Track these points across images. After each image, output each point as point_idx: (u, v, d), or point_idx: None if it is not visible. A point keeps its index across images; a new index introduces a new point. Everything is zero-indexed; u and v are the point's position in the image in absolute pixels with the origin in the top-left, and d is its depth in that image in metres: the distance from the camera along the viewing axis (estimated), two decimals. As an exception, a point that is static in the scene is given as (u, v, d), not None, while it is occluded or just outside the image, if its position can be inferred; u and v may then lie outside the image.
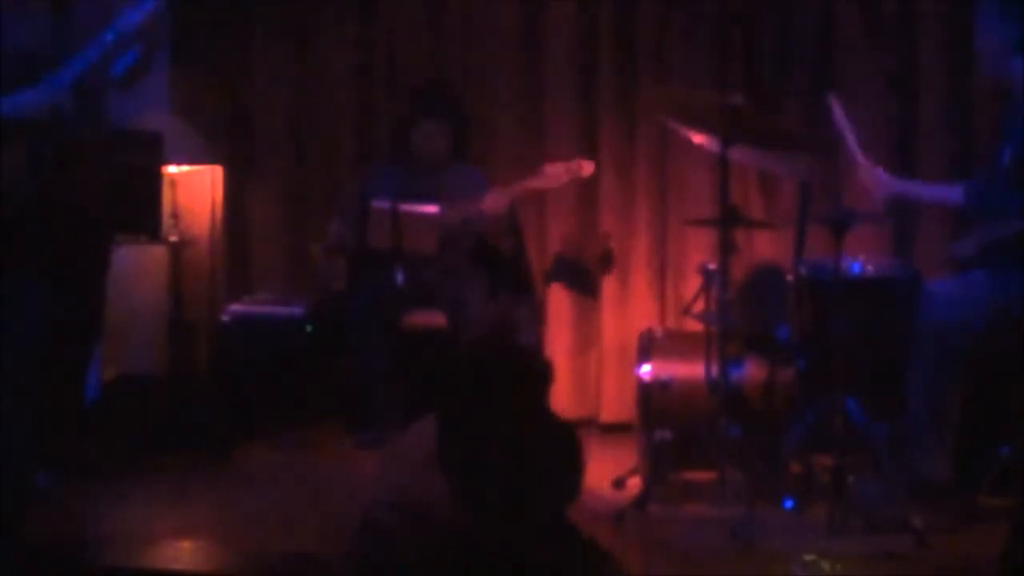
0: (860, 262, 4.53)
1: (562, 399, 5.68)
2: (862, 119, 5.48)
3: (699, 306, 4.65)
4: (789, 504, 4.29)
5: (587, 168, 5.38)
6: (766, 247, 5.50)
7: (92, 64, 4.37)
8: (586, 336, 5.85)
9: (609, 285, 5.78)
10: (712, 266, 4.55)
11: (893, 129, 5.51)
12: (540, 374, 2.58)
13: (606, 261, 5.75)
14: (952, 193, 4.55)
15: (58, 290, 4.57)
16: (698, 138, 4.60)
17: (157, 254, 5.75)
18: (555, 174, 5.37)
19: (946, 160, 5.45)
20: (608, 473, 4.70)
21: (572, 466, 2.56)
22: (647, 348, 4.78)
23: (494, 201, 5.44)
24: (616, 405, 5.70)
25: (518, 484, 2.49)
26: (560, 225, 5.82)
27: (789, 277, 4.61)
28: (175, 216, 5.73)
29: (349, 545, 2.72)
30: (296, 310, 5.64)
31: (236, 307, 5.70)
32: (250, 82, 6.03)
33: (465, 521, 2.51)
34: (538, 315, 5.81)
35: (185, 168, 5.78)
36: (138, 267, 5.74)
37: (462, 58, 5.93)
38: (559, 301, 5.85)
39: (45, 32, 4.44)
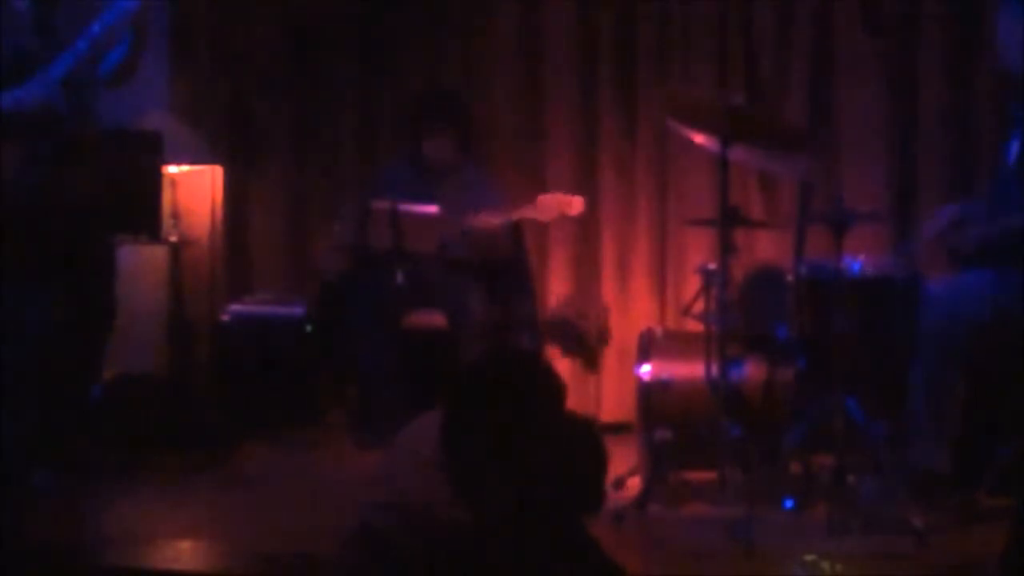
0: (860, 262, 4.53)
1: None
2: (862, 119, 5.52)
3: (699, 306, 4.64)
4: (789, 504, 4.29)
5: (576, 206, 5.33)
6: (766, 247, 5.50)
7: (82, 57, 4.36)
8: (586, 336, 5.85)
9: (609, 285, 5.78)
10: (712, 266, 4.55)
11: (893, 129, 5.51)
12: (555, 390, 2.57)
13: (602, 337, 5.74)
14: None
15: (60, 289, 4.57)
16: (698, 138, 4.60)
17: (157, 254, 5.75)
18: (546, 206, 5.35)
19: (946, 160, 5.46)
20: (608, 473, 4.69)
21: (591, 473, 2.55)
22: (647, 348, 4.78)
23: (484, 221, 5.43)
24: (616, 405, 5.70)
25: (526, 487, 2.49)
26: (560, 225, 5.80)
27: (789, 277, 4.61)
28: (175, 216, 5.73)
29: (344, 548, 2.72)
30: (296, 310, 5.64)
31: (236, 307, 5.70)
32: (250, 82, 6.03)
33: (466, 522, 2.50)
34: (538, 316, 5.81)
35: (185, 168, 5.78)
36: (138, 267, 5.74)
37: (462, 58, 5.93)
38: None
39: (29, 30, 4.43)
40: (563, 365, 5.74)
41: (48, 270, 4.55)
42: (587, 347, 5.74)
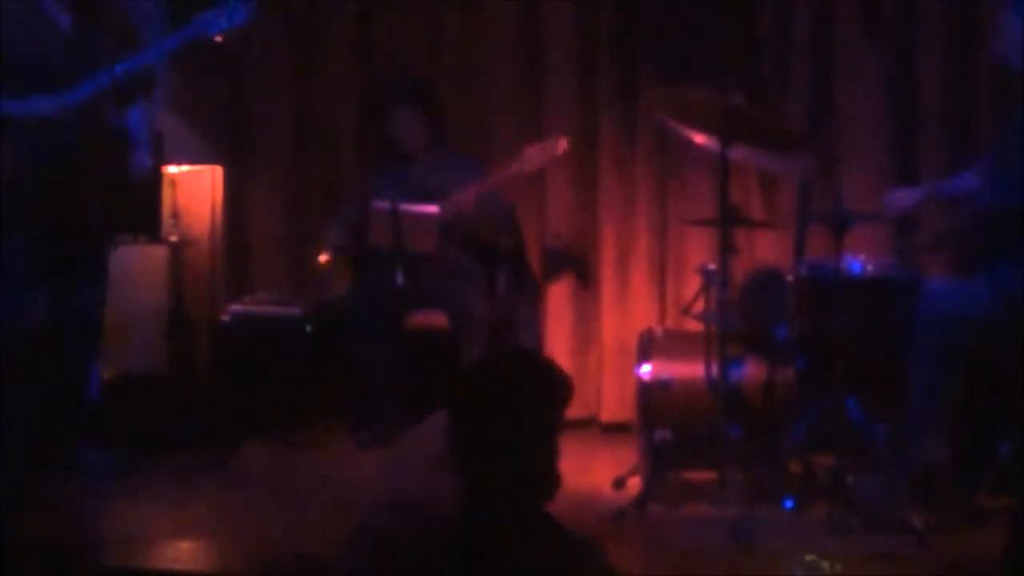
0: (860, 262, 4.53)
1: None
2: (862, 119, 5.52)
3: (699, 306, 4.65)
4: (789, 504, 4.29)
5: (562, 145, 5.35)
6: (766, 247, 5.50)
7: (100, 90, 4.46)
8: (586, 336, 5.85)
9: (609, 285, 5.78)
10: (712, 266, 4.55)
11: (893, 127, 5.51)
12: (562, 389, 2.59)
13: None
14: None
15: (55, 291, 4.60)
16: (698, 138, 4.60)
17: (157, 254, 5.75)
18: (531, 156, 5.35)
19: (946, 159, 5.45)
20: (608, 473, 4.71)
21: (552, 461, 2.58)
22: (647, 348, 4.78)
23: (467, 196, 5.42)
24: (616, 405, 5.70)
25: (527, 487, 2.51)
26: (560, 225, 5.82)
27: (789, 277, 4.62)
28: (175, 216, 5.73)
29: (347, 548, 2.72)
30: (296, 310, 5.64)
31: (236, 307, 5.70)
32: (250, 82, 6.03)
33: (470, 521, 2.51)
34: (538, 315, 5.81)
35: (185, 168, 5.78)
36: (138, 267, 5.74)
37: (462, 58, 5.93)
38: (559, 301, 5.85)
39: (65, 47, 4.51)
40: (564, 365, 5.74)
41: (45, 271, 4.58)
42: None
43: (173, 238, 5.71)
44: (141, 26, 4.72)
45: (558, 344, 5.82)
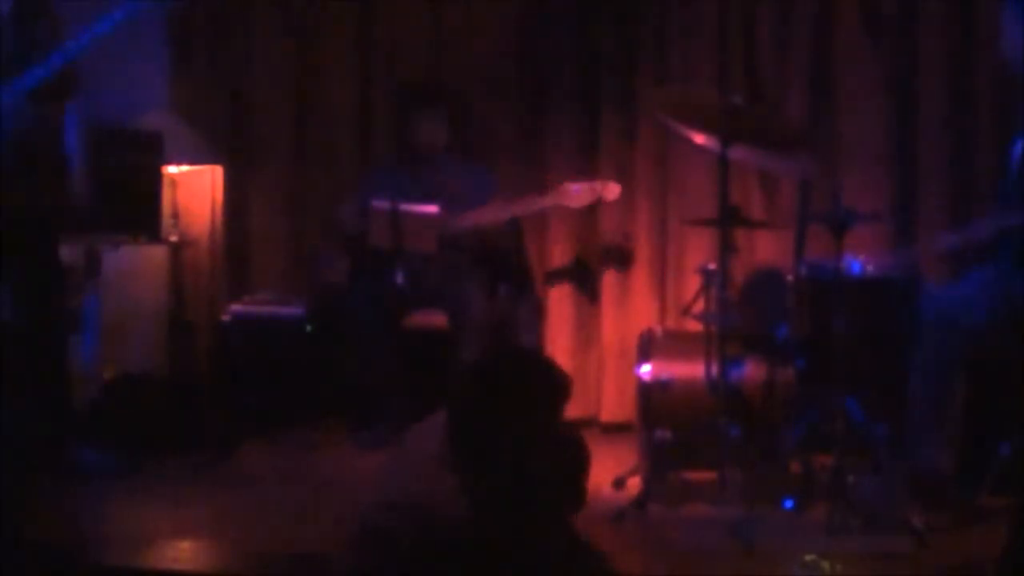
0: (860, 262, 4.53)
1: (562, 399, 5.67)
2: (862, 120, 5.52)
3: (699, 306, 4.65)
4: (789, 504, 4.29)
5: (613, 191, 5.37)
6: (766, 247, 5.50)
7: (55, 71, 4.42)
8: (586, 336, 5.85)
9: (609, 285, 5.78)
10: (712, 266, 4.55)
11: (893, 127, 5.51)
12: (561, 388, 2.59)
13: (624, 259, 5.74)
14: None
15: (14, 291, 4.59)
16: (698, 138, 4.60)
17: (157, 254, 5.75)
18: (577, 194, 5.35)
19: (946, 160, 5.46)
20: (608, 473, 4.70)
21: (579, 474, 2.57)
22: (647, 348, 4.78)
23: (494, 214, 5.43)
24: (616, 405, 5.70)
25: (526, 488, 2.50)
26: (560, 225, 5.81)
27: (789, 277, 4.62)
28: (175, 216, 5.74)
29: (348, 548, 2.73)
30: (296, 310, 5.64)
31: (236, 307, 5.70)
32: (250, 82, 6.03)
33: (471, 520, 2.51)
34: (538, 315, 5.81)
35: (185, 168, 5.78)
36: (138, 267, 5.74)
37: (462, 58, 5.92)
38: (559, 301, 5.85)
39: (9, 37, 4.48)
40: (564, 364, 5.74)
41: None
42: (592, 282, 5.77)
43: (173, 238, 5.71)
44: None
45: (558, 344, 5.82)
